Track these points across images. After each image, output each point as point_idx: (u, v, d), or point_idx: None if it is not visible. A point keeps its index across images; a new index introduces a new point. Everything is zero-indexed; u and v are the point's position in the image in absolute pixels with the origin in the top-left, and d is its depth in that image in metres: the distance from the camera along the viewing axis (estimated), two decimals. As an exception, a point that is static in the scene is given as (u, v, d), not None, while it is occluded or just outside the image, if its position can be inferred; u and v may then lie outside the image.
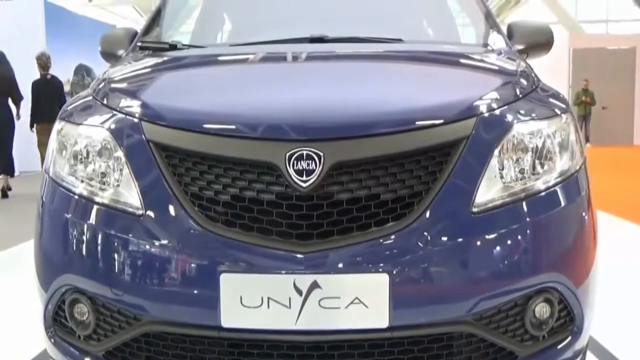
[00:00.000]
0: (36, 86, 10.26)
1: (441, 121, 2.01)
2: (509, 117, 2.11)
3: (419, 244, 1.90)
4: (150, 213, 1.98)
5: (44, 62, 10.31)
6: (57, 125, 2.31)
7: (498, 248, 1.96)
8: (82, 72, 15.36)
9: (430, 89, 2.28)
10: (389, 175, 1.94)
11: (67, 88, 12.37)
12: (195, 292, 1.92)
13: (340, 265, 1.87)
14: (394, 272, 1.87)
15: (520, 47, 3.04)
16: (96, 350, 2.11)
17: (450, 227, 1.94)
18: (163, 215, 1.97)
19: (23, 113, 10.39)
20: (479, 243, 1.95)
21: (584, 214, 2.14)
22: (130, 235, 1.99)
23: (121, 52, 3.14)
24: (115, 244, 2.01)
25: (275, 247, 1.89)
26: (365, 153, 1.93)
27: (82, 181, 2.13)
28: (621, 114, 21.93)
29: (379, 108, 2.07)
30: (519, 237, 1.99)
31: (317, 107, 2.05)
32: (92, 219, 2.07)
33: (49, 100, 10.02)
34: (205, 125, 2.01)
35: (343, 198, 1.91)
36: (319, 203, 1.91)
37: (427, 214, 1.92)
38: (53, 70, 10.61)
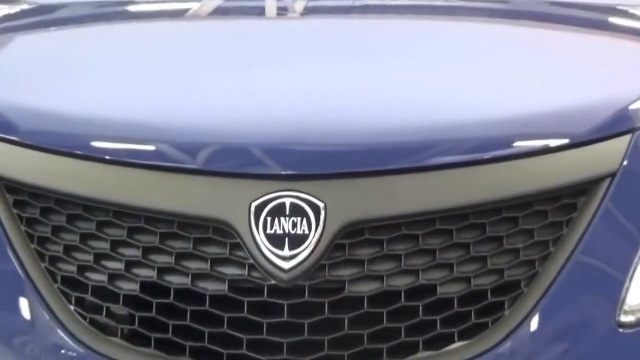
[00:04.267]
0: None
1: (561, 143, 1.29)
2: None
3: None
4: None
5: None
6: None
7: None
8: None
9: (538, 81, 1.54)
10: (455, 248, 1.23)
11: None
12: None
13: None
14: None
15: None
16: None
17: (578, 351, 1.25)
18: (6, 320, 1.31)
19: None
20: None
21: None
22: None
23: None
24: None
25: None
26: (408, 204, 1.23)
27: None
28: None
29: (435, 115, 1.36)
30: None
31: (314, 113, 1.35)
32: None
33: None
34: (96, 145, 1.31)
35: (363, 293, 1.21)
36: (315, 303, 1.21)
37: (532, 326, 1.22)
38: None
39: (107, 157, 1.27)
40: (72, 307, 1.25)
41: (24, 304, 1.26)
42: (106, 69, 1.62)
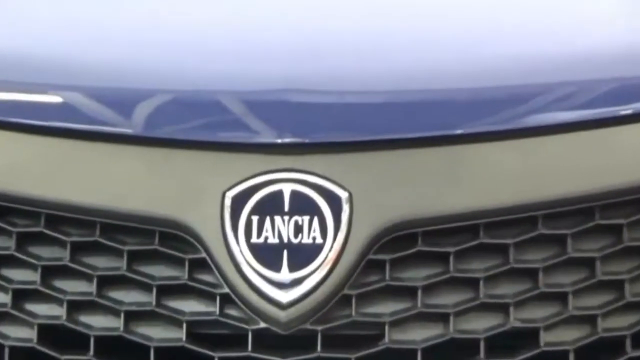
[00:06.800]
0: None
1: None
2: None
3: None
4: None
5: None
6: None
7: None
8: None
9: None
10: (570, 266, 0.88)
11: None
12: None
13: None
14: None
15: None
16: None
17: None
18: None
19: None
20: None
21: None
22: None
23: None
24: None
25: None
26: (488, 194, 0.88)
27: None
28: None
29: (528, 49, 1.02)
30: None
31: (328, 47, 1.03)
32: None
33: None
34: None
35: (415, 344, 0.86)
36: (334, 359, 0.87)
37: None
38: None
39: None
40: None
41: None
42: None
